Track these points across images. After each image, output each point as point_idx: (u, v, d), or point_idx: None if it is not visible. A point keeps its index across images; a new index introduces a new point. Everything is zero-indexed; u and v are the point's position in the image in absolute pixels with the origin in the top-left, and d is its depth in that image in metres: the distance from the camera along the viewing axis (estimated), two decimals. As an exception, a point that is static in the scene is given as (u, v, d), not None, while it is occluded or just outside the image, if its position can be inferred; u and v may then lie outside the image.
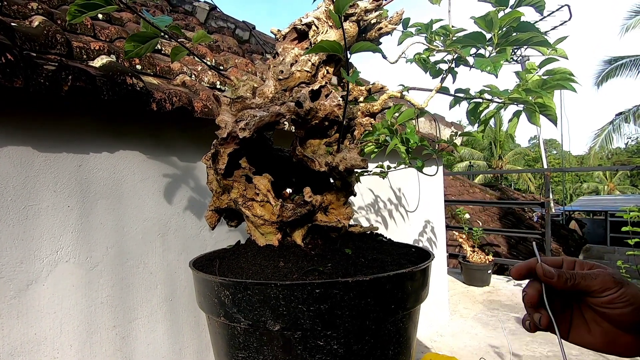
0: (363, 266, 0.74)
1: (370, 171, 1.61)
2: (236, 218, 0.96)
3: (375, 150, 1.48)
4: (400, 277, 0.69)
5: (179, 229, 1.56)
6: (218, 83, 1.75)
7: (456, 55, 0.99)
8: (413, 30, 1.07)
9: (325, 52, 0.81)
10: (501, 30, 0.84)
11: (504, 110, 1.05)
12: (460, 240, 5.20)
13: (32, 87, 0.97)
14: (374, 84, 1.01)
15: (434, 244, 3.62)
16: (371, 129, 1.01)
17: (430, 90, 1.08)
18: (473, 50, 0.93)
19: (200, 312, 1.38)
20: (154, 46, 0.86)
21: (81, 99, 1.10)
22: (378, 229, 0.96)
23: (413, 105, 1.14)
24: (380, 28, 0.93)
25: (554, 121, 0.96)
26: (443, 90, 1.07)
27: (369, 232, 0.94)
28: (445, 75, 1.06)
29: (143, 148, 1.45)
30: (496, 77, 0.85)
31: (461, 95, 1.08)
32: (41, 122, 1.17)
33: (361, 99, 1.00)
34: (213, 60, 1.95)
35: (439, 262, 3.68)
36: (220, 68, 1.96)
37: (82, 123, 1.27)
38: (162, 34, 0.83)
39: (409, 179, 3.29)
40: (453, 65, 1.03)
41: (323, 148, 0.85)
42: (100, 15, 1.74)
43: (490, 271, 4.93)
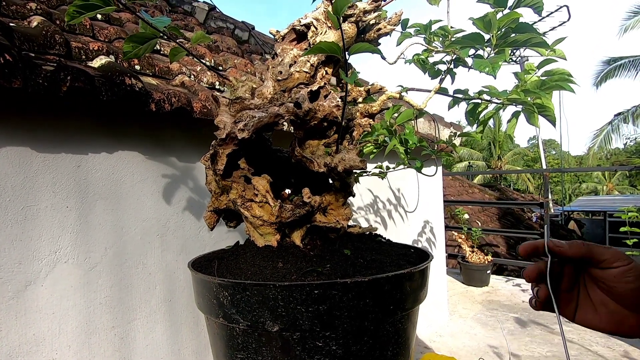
0: (362, 267, 0.74)
1: (369, 172, 1.61)
2: (235, 219, 0.96)
3: (374, 150, 1.48)
4: (399, 278, 0.69)
5: (177, 229, 1.56)
6: (217, 83, 1.75)
7: (455, 56, 0.99)
8: (412, 31, 1.07)
9: (324, 53, 0.81)
10: (500, 31, 0.84)
11: (503, 110, 1.05)
12: (460, 240, 5.20)
13: (31, 88, 0.97)
14: (372, 84, 1.01)
15: (433, 244, 3.62)
16: (370, 129, 1.01)
17: (429, 91, 1.08)
18: (472, 51, 0.93)
19: (199, 313, 1.38)
20: (153, 47, 0.86)
21: (80, 99, 1.10)
22: (377, 230, 0.96)
23: (412, 106, 1.14)
24: (379, 29, 0.93)
25: (553, 122, 0.96)
26: (442, 91, 1.07)
27: (367, 233, 0.94)
28: (444, 76, 1.06)
29: (142, 148, 1.44)
30: (495, 78, 0.85)
31: (460, 96, 1.08)
32: (40, 123, 1.17)
33: (360, 100, 1.00)
34: (212, 60, 1.95)
35: (438, 263, 3.68)
36: (219, 68, 1.96)
37: (81, 123, 1.27)
38: (161, 35, 0.83)
39: (408, 179, 3.29)
40: (452, 66, 1.03)
41: (322, 149, 0.85)
42: (99, 16, 1.74)
43: (489, 271, 4.93)
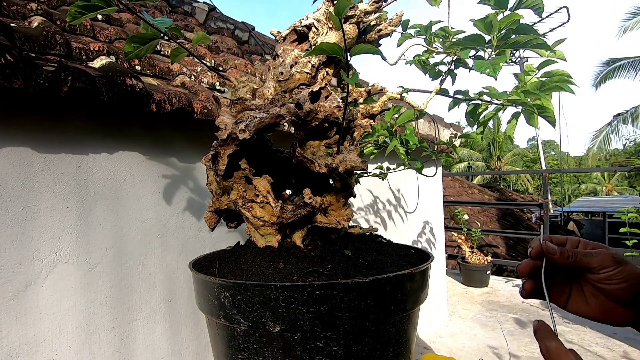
0: (363, 267, 0.74)
1: (370, 172, 1.61)
2: (236, 219, 0.97)
3: (375, 151, 1.48)
4: (400, 279, 0.69)
5: (178, 230, 1.56)
6: (217, 84, 1.75)
7: (455, 57, 1.00)
8: (412, 32, 1.08)
9: (325, 54, 0.81)
10: (500, 33, 0.85)
11: (503, 111, 1.05)
12: (459, 241, 5.20)
13: (32, 88, 0.97)
14: (373, 85, 1.01)
15: (433, 245, 3.62)
16: (371, 130, 1.01)
17: (430, 92, 1.08)
18: (472, 52, 0.94)
19: (200, 313, 1.38)
20: (154, 47, 0.86)
21: (81, 99, 1.10)
22: (377, 230, 0.96)
23: (412, 107, 1.15)
24: (380, 30, 0.93)
25: (552, 123, 0.96)
26: (442, 92, 1.08)
27: (368, 233, 0.94)
28: (444, 77, 1.06)
29: (142, 149, 1.45)
30: (495, 79, 0.85)
31: (460, 96, 1.08)
32: (40, 123, 1.17)
33: (361, 101, 1.00)
34: (212, 61, 1.95)
35: (437, 263, 3.68)
36: (219, 69, 1.96)
37: (82, 124, 1.27)
38: (162, 35, 0.83)
39: (408, 180, 3.30)
40: (452, 67, 1.04)
41: (323, 149, 0.85)
42: (99, 16, 1.74)
43: (489, 272, 4.93)
